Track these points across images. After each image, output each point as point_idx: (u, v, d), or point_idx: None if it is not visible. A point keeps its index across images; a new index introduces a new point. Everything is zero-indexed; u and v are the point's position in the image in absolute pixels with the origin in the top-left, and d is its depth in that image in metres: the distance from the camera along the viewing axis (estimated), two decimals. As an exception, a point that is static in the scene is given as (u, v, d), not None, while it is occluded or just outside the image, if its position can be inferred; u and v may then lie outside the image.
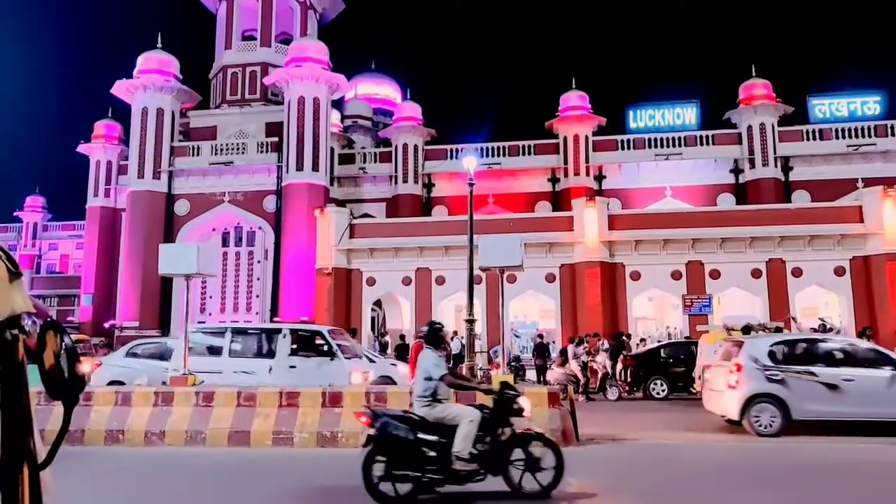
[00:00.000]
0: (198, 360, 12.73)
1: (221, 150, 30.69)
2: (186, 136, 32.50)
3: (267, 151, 30.38)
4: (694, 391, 16.29)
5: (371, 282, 25.74)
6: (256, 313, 30.18)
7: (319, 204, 27.35)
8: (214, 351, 13.65)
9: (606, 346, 19.12)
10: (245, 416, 10.19)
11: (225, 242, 30.92)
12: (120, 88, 30.55)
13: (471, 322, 13.92)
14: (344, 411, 10.04)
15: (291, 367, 12.97)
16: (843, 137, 29.53)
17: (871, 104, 29.89)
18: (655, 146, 30.74)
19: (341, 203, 29.85)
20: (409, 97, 35.02)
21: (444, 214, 30.68)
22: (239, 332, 14.56)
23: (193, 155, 30.74)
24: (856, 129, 29.54)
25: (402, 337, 22.51)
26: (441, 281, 25.10)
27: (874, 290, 22.46)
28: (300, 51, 29.99)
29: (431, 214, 31.05)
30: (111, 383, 13.45)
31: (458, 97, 71.53)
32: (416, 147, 32.34)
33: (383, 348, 22.60)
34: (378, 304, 27.86)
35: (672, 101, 31.44)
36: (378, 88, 41.32)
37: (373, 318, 27.53)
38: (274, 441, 9.88)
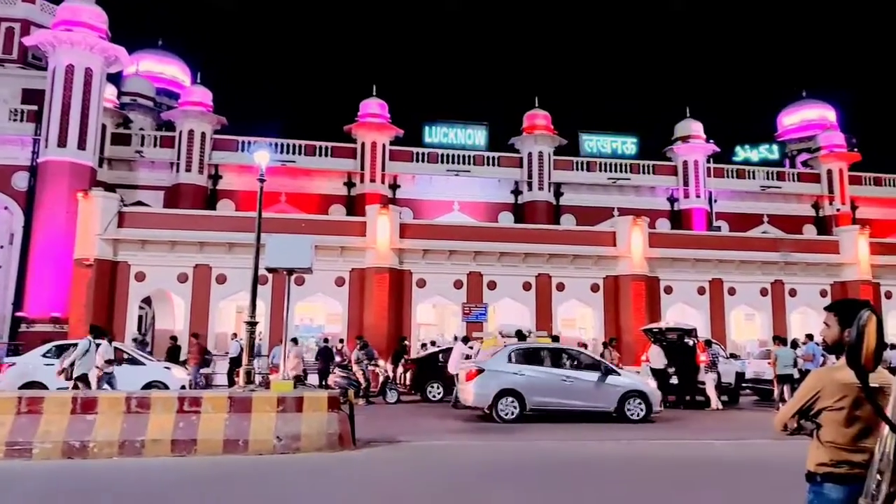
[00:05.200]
0: None
1: (-40, 112, 26.03)
2: (-88, 90, 27.06)
3: (22, 121, 26.45)
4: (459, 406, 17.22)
5: (140, 277, 23.48)
6: (-6, 306, 25.95)
7: (84, 186, 24.34)
8: None
9: (357, 355, 18.37)
10: (-32, 425, 8.66)
11: (-43, 222, 26.21)
12: None
13: (252, 324, 13.30)
14: (99, 419, 9.01)
15: None
16: (606, 171, 33.51)
17: (628, 144, 34.30)
18: (447, 162, 32.22)
19: (111, 188, 26.88)
20: (198, 81, 32.74)
21: (230, 209, 29.10)
22: None
23: (-80, 114, 25.70)
24: (616, 165, 33.68)
25: (174, 338, 20.78)
26: (222, 280, 23.73)
27: (620, 305, 25.70)
28: (72, 13, 26.58)
29: (216, 208, 29.25)
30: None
31: (254, 88, 68.41)
32: (203, 134, 30.26)
33: (143, 349, 20.79)
34: (148, 301, 25.55)
35: (464, 122, 33.26)
36: (164, 67, 37.92)
37: (140, 317, 25.16)
38: (7, 453, 8.53)
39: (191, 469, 8.37)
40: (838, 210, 34.08)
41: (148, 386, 14.92)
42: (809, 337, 18.76)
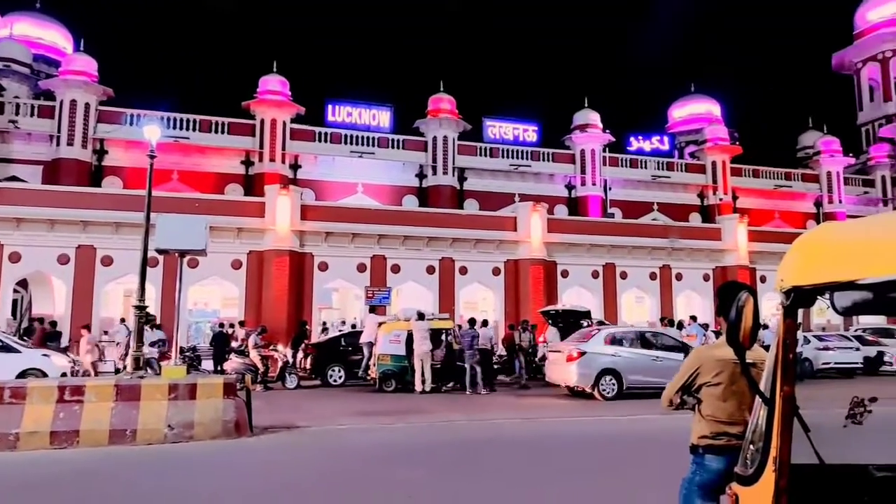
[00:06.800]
0: None
1: None
2: None
3: None
4: (368, 378, 17.19)
5: (15, 258, 21.70)
6: None
7: (-53, 158, 22.14)
8: None
9: (255, 340, 17.69)
10: None
11: None
12: None
13: (140, 308, 12.62)
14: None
15: None
16: (508, 157, 34.11)
17: (530, 132, 35.03)
18: (351, 143, 31.67)
19: (-20, 160, 24.60)
20: (81, 48, 30.39)
21: (117, 187, 27.34)
22: None
23: None
24: (517, 151, 34.35)
25: (54, 324, 19.35)
26: (108, 262, 22.33)
27: (520, 288, 26.40)
28: (-69, -36, 23.93)
29: (101, 185, 27.38)
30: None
31: (144, 58, 64.24)
32: (86, 106, 28.11)
33: (26, 335, 19.26)
34: (24, 284, 23.67)
35: (369, 103, 32.74)
36: (42, 32, 34.93)
37: (14, 301, 23.28)
38: None
39: (72, 462, 7.85)
40: (721, 200, 36.42)
41: (23, 374, 13.85)
42: (693, 318, 19.99)
